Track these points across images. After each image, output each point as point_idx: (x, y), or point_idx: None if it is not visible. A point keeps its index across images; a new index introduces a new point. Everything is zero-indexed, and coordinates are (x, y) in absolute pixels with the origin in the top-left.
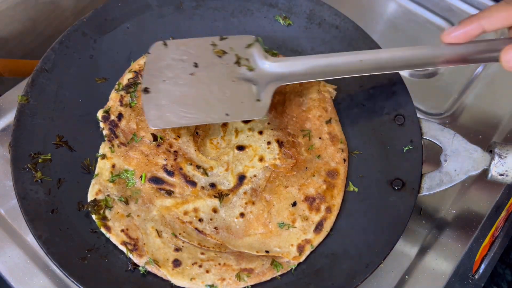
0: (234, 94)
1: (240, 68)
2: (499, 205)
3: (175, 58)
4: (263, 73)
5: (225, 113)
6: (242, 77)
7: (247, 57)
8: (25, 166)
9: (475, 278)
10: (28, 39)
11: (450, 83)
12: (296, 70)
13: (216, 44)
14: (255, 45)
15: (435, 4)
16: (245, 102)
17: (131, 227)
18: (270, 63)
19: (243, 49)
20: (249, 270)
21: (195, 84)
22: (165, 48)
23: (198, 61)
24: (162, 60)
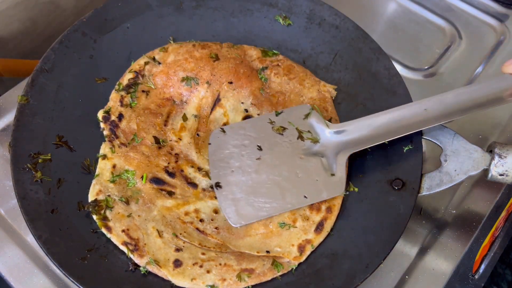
0: (306, 173)
1: (304, 142)
2: (499, 205)
3: (236, 145)
4: (329, 143)
5: (303, 195)
6: (308, 152)
7: (307, 129)
8: (25, 166)
9: (475, 278)
10: (28, 39)
11: (450, 83)
12: (362, 135)
13: (273, 121)
14: (313, 113)
15: (435, 4)
16: (319, 180)
17: (132, 228)
18: (332, 131)
19: (301, 121)
20: (250, 270)
21: (264, 169)
22: (224, 135)
23: (261, 143)
24: (224, 148)
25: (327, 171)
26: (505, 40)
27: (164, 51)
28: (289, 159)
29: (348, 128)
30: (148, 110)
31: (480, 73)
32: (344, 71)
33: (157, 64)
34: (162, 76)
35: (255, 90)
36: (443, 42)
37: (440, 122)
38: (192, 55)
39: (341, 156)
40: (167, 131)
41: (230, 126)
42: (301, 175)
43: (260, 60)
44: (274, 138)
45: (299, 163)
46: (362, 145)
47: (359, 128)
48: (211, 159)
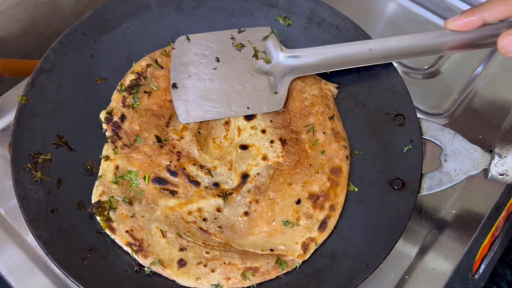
0: (253, 88)
1: (258, 61)
2: (499, 205)
3: (197, 53)
4: (279, 65)
5: (246, 106)
6: (260, 70)
7: (263, 50)
8: (25, 166)
9: (475, 278)
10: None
11: (450, 83)
12: (310, 62)
13: (234, 37)
14: (271, 37)
15: (435, 4)
16: (263, 95)
17: (136, 228)
18: (285, 55)
19: (259, 41)
20: (254, 269)
21: (217, 78)
22: (188, 43)
23: (220, 55)
24: (186, 55)
25: (271, 89)
26: None
27: (165, 54)
28: (242, 73)
29: (299, 54)
30: (150, 111)
31: (480, 73)
32: (344, 71)
33: (159, 68)
34: (164, 79)
35: None
36: None
37: (381, 61)
38: None
39: (287, 78)
40: (169, 131)
41: (194, 36)
42: (248, 89)
43: None
44: (232, 53)
45: (249, 78)
46: (308, 71)
47: (309, 56)
48: (172, 62)
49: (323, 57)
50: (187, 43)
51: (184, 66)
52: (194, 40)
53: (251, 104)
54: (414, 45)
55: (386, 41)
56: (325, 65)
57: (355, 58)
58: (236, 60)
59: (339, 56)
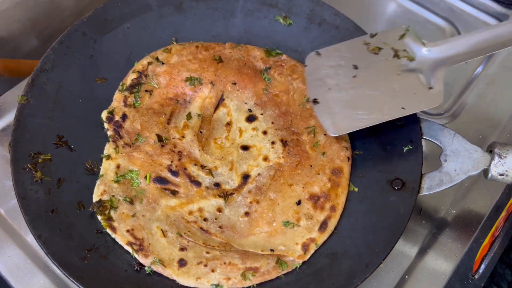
0: (404, 87)
1: (400, 60)
2: (499, 205)
3: (332, 66)
4: (425, 60)
5: (400, 107)
6: (405, 69)
7: (403, 48)
8: (25, 166)
9: (475, 278)
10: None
11: (450, 83)
12: (459, 51)
13: (368, 42)
14: (408, 34)
15: (435, 4)
16: (417, 93)
17: (137, 227)
18: (430, 49)
19: (397, 41)
20: (255, 269)
21: (360, 85)
22: (319, 58)
23: (357, 62)
24: (320, 69)
25: (424, 86)
26: None
27: (167, 52)
28: (386, 75)
29: (445, 46)
30: (152, 110)
31: (480, 73)
32: None
33: (160, 64)
34: (165, 76)
35: (259, 90)
36: None
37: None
38: (196, 57)
39: (439, 71)
40: (170, 129)
41: (325, 49)
42: (398, 89)
43: (263, 60)
44: (370, 57)
45: (396, 79)
46: (459, 60)
47: (455, 45)
48: (308, 79)
49: (471, 43)
50: (318, 58)
51: (320, 80)
52: (325, 53)
53: (405, 104)
54: None
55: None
56: (476, 51)
57: (504, 39)
58: (376, 64)
59: (487, 39)
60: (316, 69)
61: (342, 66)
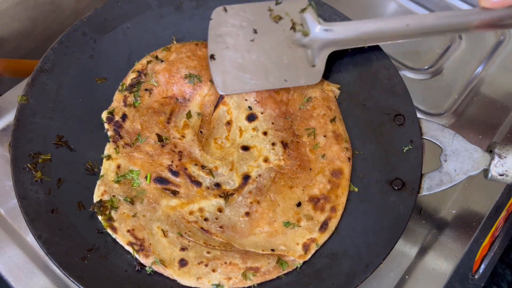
0: (291, 60)
1: (295, 33)
2: (499, 205)
3: (235, 24)
4: (316, 38)
5: (283, 79)
6: (297, 43)
7: (301, 22)
8: (25, 166)
9: (475, 278)
10: (28, 39)
11: (450, 83)
12: (348, 36)
13: (272, 9)
14: (308, 9)
15: (435, 4)
16: (301, 68)
17: (137, 228)
18: (322, 28)
19: (297, 13)
20: (255, 269)
21: (255, 50)
22: (225, 14)
23: (257, 27)
24: (223, 26)
25: (309, 62)
26: (505, 40)
27: (167, 50)
28: (279, 45)
29: (337, 28)
30: (152, 109)
31: (480, 73)
32: (344, 71)
33: (159, 62)
34: (164, 73)
35: None
36: (443, 42)
37: (417, 37)
38: (195, 54)
39: (325, 51)
40: (170, 128)
41: (231, 6)
42: (286, 61)
43: None
44: (270, 24)
45: (286, 51)
46: (345, 46)
47: (347, 30)
48: (210, 33)
49: (360, 31)
50: (224, 14)
51: (221, 37)
52: (231, 11)
53: (288, 76)
54: (450, 23)
55: (423, 17)
56: (363, 39)
57: (392, 33)
58: (274, 32)
59: (376, 30)
60: (219, 24)
61: (243, 27)
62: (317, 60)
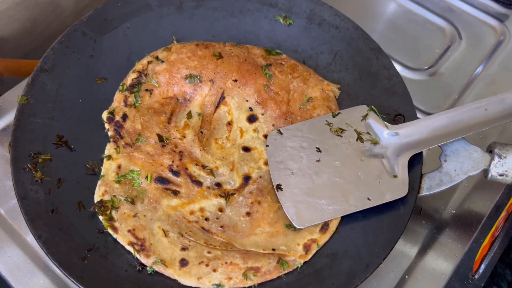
0: (368, 175)
1: (363, 144)
2: (499, 205)
3: (295, 147)
4: (389, 144)
5: (366, 197)
6: (369, 154)
7: (366, 131)
8: (25, 166)
9: (475, 278)
10: (28, 39)
11: (450, 83)
12: (423, 136)
13: (330, 123)
14: (370, 114)
15: (435, 4)
16: (382, 181)
17: (138, 227)
18: (391, 132)
19: (359, 122)
20: (256, 268)
21: (324, 170)
22: (281, 137)
23: (319, 145)
24: (282, 150)
25: (389, 173)
26: (505, 40)
27: (167, 50)
28: (350, 160)
29: (407, 130)
30: (152, 109)
31: (480, 73)
32: (344, 71)
33: (160, 63)
34: (165, 74)
35: (260, 87)
36: (443, 42)
37: (501, 122)
38: (195, 54)
39: (403, 158)
40: (171, 128)
41: (286, 128)
42: (362, 176)
43: (264, 57)
44: (333, 139)
45: (360, 165)
46: (423, 147)
47: (418, 130)
48: (270, 160)
49: (435, 128)
50: (280, 137)
51: (283, 163)
52: (287, 133)
53: (370, 193)
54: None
55: (503, 97)
56: (441, 136)
57: (471, 122)
58: (340, 147)
59: (453, 123)
60: (277, 149)
61: (304, 148)
62: (397, 168)
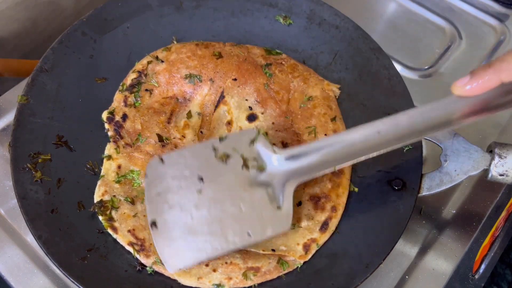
0: (250, 207)
1: (249, 171)
2: (499, 205)
3: (175, 176)
4: (276, 171)
5: (246, 232)
6: (254, 183)
7: (254, 155)
8: (25, 166)
9: (475, 278)
10: (28, 39)
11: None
12: (312, 161)
13: (216, 148)
14: (259, 138)
15: (435, 4)
16: (264, 215)
17: (138, 228)
18: (280, 157)
19: (247, 147)
20: (256, 269)
21: (204, 203)
22: (163, 165)
23: (203, 173)
24: (161, 181)
25: (273, 203)
26: (505, 40)
27: (167, 50)
28: (233, 191)
29: (296, 154)
30: (152, 109)
31: None
32: (344, 71)
33: (159, 63)
34: (165, 74)
35: (260, 86)
36: (443, 42)
37: (393, 146)
38: (195, 53)
39: (289, 186)
40: (171, 128)
41: (168, 155)
42: (244, 209)
43: (264, 57)
44: (217, 167)
45: (243, 196)
46: (311, 173)
47: (308, 154)
48: (146, 194)
49: (326, 152)
50: (161, 165)
51: (160, 195)
52: (169, 160)
53: (251, 228)
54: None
55: (396, 120)
56: (331, 161)
57: (364, 145)
58: (224, 176)
59: (345, 147)
60: (157, 179)
61: (186, 177)
62: (282, 199)
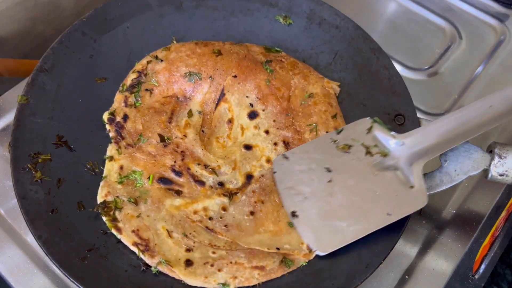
0: (384, 189)
1: (373, 157)
2: (499, 205)
3: (303, 170)
4: (399, 155)
5: (385, 213)
6: (381, 167)
7: (374, 144)
8: (25, 166)
9: (475, 278)
10: (28, 39)
11: (450, 83)
12: (432, 142)
13: (335, 140)
14: (375, 126)
15: (435, 4)
16: (399, 194)
17: (142, 228)
18: (399, 141)
19: (365, 135)
20: (261, 267)
21: (338, 191)
22: (288, 161)
23: (329, 164)
24: (291, 175)
25: (405, 184)
26: (505, 40)
27: (166, 50)
28: (363, 177)
29: (416, 137)
30: (153, 109)
31: (480, 73)
32: (344, 71)
33: (159, 62)
34: (164, 73)
35: (261, 82)
36: (443, 42)
37: (507, 118)
38: (195, 52)
39: (416, 167)
40: (172, 128)
41: (291, 151)
42: (379, 192)
43: (264, 54)
44: (341, 157)
45: (374, 180)
46: (434, 153)
47: (427, 136)
48: (280, 188)
49: (443, 132)
50: (286, 161)
51: (293, 188)
52: (293, 156)
53: (390, 209)
54: None
55: (506, 92)
56: (450, 140)
57: (478, 122)
58: (350, 164)
59: (460, 125)
60: (286, 175)
61: (314, 170)
62: (412, 178)
